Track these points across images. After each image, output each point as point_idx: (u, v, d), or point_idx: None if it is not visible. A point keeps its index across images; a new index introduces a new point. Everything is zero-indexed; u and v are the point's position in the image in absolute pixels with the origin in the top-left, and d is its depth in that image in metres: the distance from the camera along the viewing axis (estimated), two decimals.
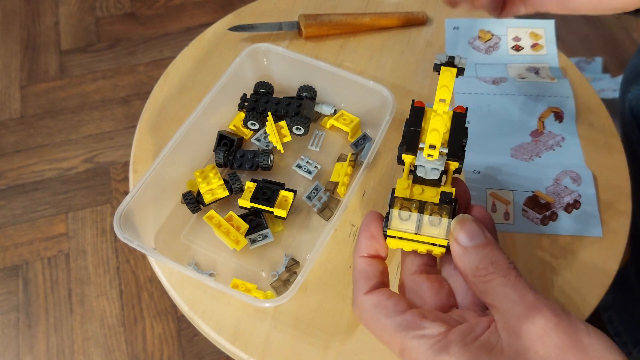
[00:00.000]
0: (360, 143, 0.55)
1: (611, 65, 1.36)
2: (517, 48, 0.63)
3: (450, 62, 0.35)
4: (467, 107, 0.39)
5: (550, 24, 0.64)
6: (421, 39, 0.63)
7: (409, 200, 0.37)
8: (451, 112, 0.39)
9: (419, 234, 0.36)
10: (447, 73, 0.34)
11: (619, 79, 1.16)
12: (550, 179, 0.52)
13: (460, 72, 0.34)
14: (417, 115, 0.39)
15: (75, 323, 1.04)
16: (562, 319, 0.31)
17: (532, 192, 0.52)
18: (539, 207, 0.51)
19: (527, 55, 0.63)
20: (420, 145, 0.38)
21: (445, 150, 0.37)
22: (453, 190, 0.37)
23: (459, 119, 0.38)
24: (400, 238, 0.37)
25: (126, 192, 1.13)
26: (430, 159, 0.36)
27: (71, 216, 1.17)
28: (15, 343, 1.02)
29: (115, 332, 1.03)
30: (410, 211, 0.36)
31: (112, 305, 1.06)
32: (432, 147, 0.35)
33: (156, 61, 1.41)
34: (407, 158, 0.39)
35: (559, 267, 0.48)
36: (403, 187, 0.37)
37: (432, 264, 0.40)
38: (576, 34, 1.42)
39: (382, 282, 0.37)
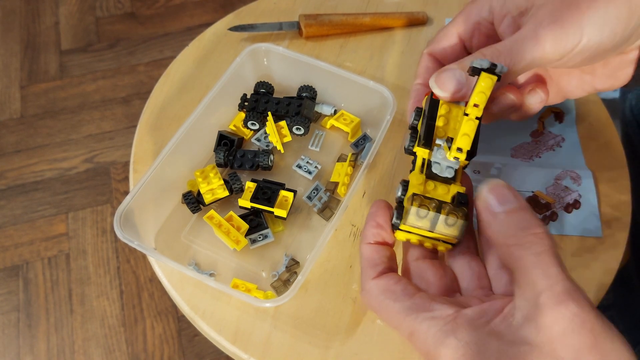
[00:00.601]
0: (361, 143, 0.55)
1: None
2: None
3: (491, 69, 0.34)
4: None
5: None
6: (421, 39, 0.63)
7: (429, 198, 0.37)
8: (463, 108, 0.39)
9: (432, 232, 0.36)
10: (488, 80, 0.34)
11: None
12: (550, 179, 0.52)
13: (498, 80, 0.34)
14: (434, 109, 0.39)
15: (76, 323, 1.04)
16: (589, 317, 0.29)
17: (532, 192, 0.52)
18: (539, 207, 0.51)
19: None
20: (437, 142, 0.38)
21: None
22: (464, 189, 0.37)
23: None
24: (409, 232, 0.37)
25: (126, 192, 1.13)
26: (452, 159, 0.37)
27: (71, 216, 1.17)
28: (16, 343, 1.02)
29: (116, 332, 1.03)
30: (429, 210, 0.36)
31: (113, 306, 1.06)
32: (460, 150, 0.35)
33: (156, 61, 1.41)
34: (420, 151, 0.39)
35: None
36: (418, 182, 0.37)
37: (435, 251, 0.39)
38: None
39: (390, 268, 0.37)
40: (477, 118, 0.35)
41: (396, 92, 0.53)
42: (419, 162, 0.39)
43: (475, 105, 0.34)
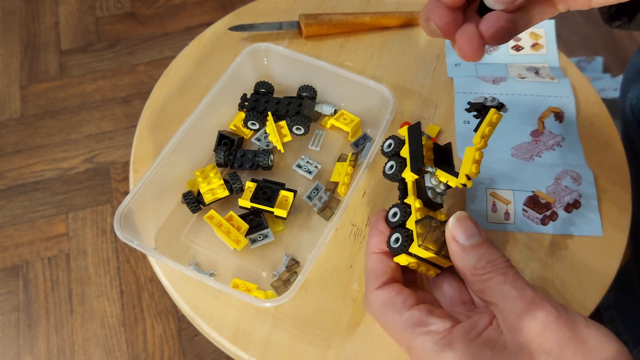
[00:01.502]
0: (361, 143, 0.55)
1: (612, 64, 1.36)
2: (517, 48, 0.63)
3: (499, 107, 0.37)
4: (450, 142, 0.42)
5: (550, 23, 0.64)
6: (421, 39, 0.63)
7: (441, 222, 0.38)
8: (431, 142, 0.42)
9: (437, 254, 0.37)
10: (498, 117, 0.37)
11: (620, 78, 1.16)
12: (550, 178, 0.52)
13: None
14: (418, 136, 0.41)
15: (76, 323, 1.04)
16: (561, 313, 0.32)
17: (533, 191, 0.52)
18: (539, 206, 0.51)
19: (527, 54, 0.63)
20: (428, 169, 0.39)
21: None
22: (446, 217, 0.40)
23: (447, 150, 0.41)
24: (412, 255, 0.38)
25: (126, 192, 1.13)
26: (458, 186, 0.39)
27: (71, 216, 1.17)
28: (16, 343, 1.02)
29: (116, 332, 1.03)
30: (441, 233, 0.38)
31: (113, 306, 1.06)
32: (468, 177, 0.38)
33: (156, 61, 1.41)
34: (410, 177, 0.40)
35: (559, 266, 0.48)
36: (421, 207, 0.39)
37: (410, 279, 0.41)
38: (576, 33, 1.42)
39: (393, 278, 0.38)
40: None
41: (396, 92, 0.53)
42: (411, 187, 0.40)
43: (483, 137, 0.37)
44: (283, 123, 0.54)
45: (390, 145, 0.43)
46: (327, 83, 0.56)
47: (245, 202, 0.48)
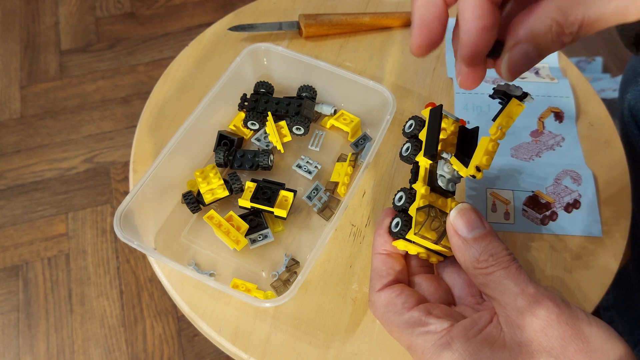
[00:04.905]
0: (361, 143, 0.55)
1: (611, 65, 1.36)
2: None
3: (521, 97, 0.35)
4: (478, 127, 0.39)
5: None
6: None
7: (442, 212, 0.37)
8: (457, 125, 0.39)
9: (435, 244, 0.37)
10: (518, 107, 0.35)
11: (619, 79, 1.16)
12: (550, 178, 0.52)
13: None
14: (438, 120, 0.38)
15: (76, 323, 1.04)
16: (563, 310, 0.32)
17: (532, 191, 0.52)
18: (539, 206, 0.51)
19: None
20: (443, 155, 0.38)
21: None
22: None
23: (473, 136, 0.39)
24: (410, 241, 0.38)
25: (126, 192, 1.13)
26: (468, 176, 0.37)
27: (71, 216, 1.17)
28: (16, 343, 1.02)
29: (116, 332, 1.03)
30: (441, 223, 0.37)
31: (113, 306, 1.06)
32: (478, 169, 0.36)
33: (156, 61, 1.41)
34: (423, 161, 0.39)
35: (559, 267, 0.48)
36: (426, 194, 0.38)
37: (429, 265, 0.41)
38: None
39: (396, 279, 0.38)
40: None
41: (396, 92, 0.53)
42: (422, 173, 0.39)
43: (500, 128, 0.35)
44: (283, 123, 0.54)
45: (411, 125, 0.41)
46: (327, 83, 0.56)
47: (245, 202, 0.48)
